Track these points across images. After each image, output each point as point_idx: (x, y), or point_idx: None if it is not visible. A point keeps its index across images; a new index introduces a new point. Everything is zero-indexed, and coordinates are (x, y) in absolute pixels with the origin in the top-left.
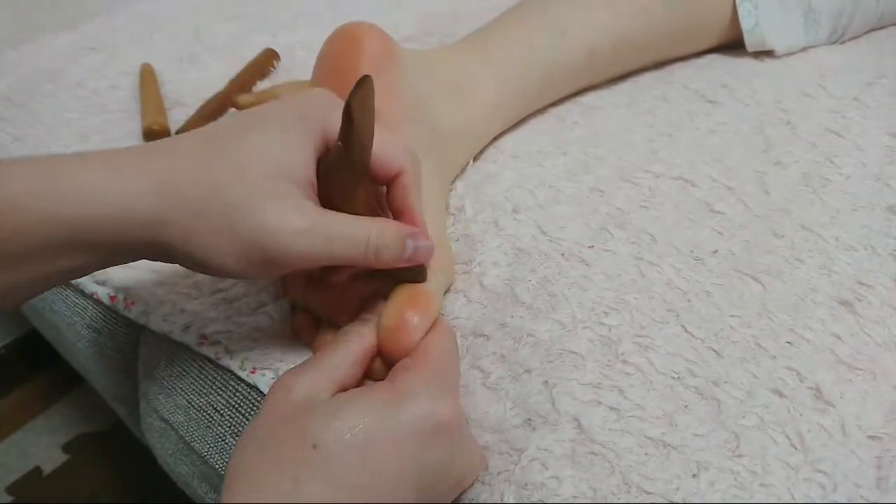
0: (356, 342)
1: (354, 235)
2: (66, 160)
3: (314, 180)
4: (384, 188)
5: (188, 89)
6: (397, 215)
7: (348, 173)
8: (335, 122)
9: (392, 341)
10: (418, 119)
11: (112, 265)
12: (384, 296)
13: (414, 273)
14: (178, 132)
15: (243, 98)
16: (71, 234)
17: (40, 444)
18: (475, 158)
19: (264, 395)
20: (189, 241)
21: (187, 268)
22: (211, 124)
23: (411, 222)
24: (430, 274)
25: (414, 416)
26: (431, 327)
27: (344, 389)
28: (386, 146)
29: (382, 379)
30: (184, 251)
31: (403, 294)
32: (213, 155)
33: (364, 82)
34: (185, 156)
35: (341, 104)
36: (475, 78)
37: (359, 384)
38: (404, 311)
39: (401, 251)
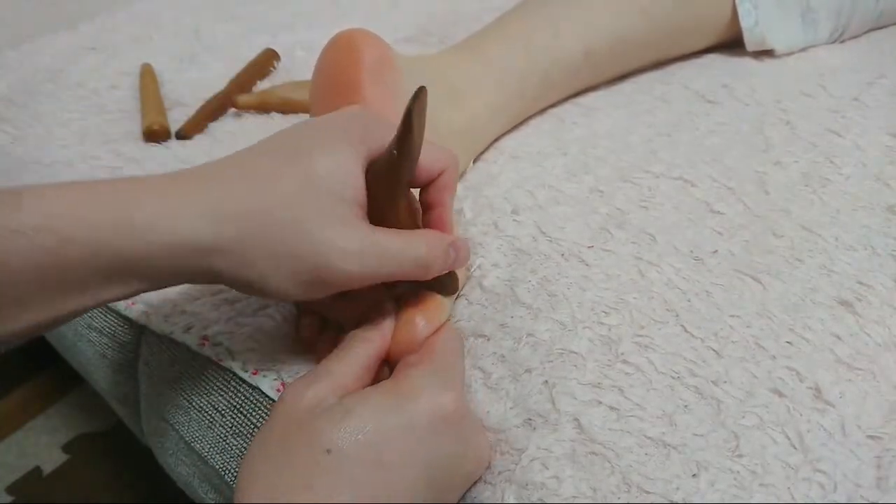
0: (365, 347)
1: (406, 254)
2: (120, 187)
3: (364, 197)
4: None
5: (188, 89)
6: (428, 209)
7: (394, 183)
8: (377, 137)
9: (396, 343)
10: None
11: (161, 288)
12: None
13: (443, 281)
14: (178, 132)
15: (243, 98)
16: (125, 265)
17: (40, 444)
18: (475, 160)
19: (267, 397)
20: (246, 267)
21: (241, 292)
22: (258, 143)
23: (441, 217)
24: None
25: (421, 409)
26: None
27: None
28: (430, 150)
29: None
30: (241, 278)
31: (413, 300)
32: (265, 182)
33: (421, 92)
34: (238, 183)
35: (379, 119)
36: (474, 80)
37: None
38: (412, 316)
39: (445, 262)
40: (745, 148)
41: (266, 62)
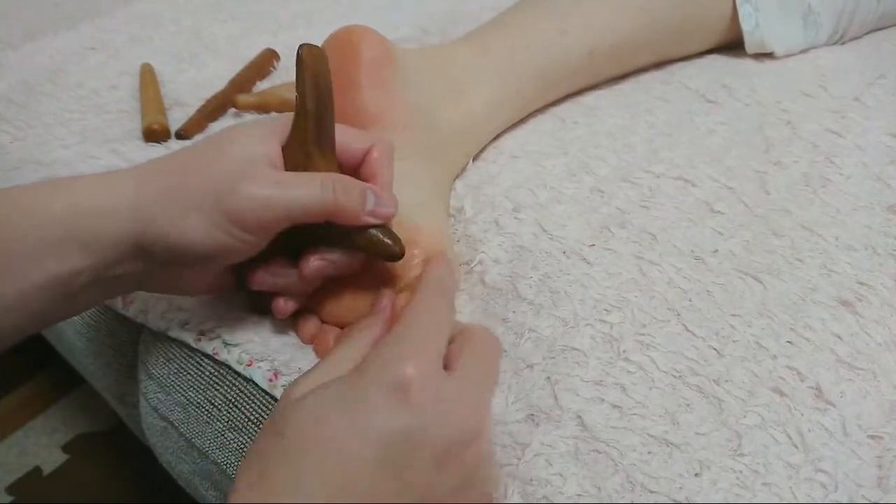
0: (363, 335)
1: (309, 181)
2: (70, 178)
3: (278, 160)
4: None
5: (188, 89)
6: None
7: (304, 139)
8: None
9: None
10: (418, 121)
11: (103, 277)
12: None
13: (388, 245)
14: (178, 132)
15: (243, 98)
16: (61, 230)
17: (40, 444)
18: (475, 158)
19: (261, 390)
20: (167, 223)
21: (169, 263)
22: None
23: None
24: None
25: (371, 377)
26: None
27: None
28: (348, 133)
29: None
30: (162, 236)
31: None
32: (183, 154)
33: (314, 48)
34: (167, 158)
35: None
36: (474, 76)
37: None
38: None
39: (361, 201)
40: (746, 148)
41: (266, 62)
